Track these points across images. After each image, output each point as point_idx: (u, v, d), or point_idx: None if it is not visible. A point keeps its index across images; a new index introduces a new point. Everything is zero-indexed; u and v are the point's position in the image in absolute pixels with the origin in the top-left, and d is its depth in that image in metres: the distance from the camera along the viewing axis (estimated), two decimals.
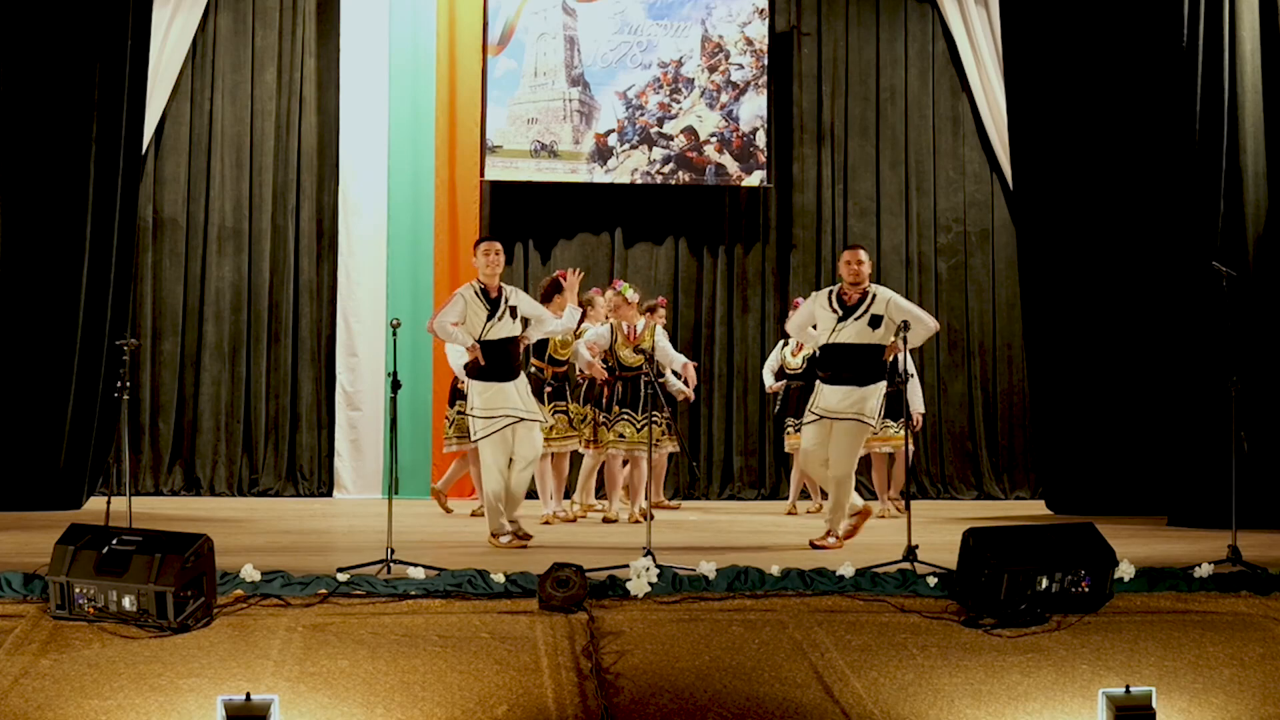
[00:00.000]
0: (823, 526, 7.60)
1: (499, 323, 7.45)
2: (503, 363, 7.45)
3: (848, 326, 7.37)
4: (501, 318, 7.46)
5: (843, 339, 7.38)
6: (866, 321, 7.36)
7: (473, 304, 7.46)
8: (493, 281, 7.51)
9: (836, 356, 7.41)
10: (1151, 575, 5.93)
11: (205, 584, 5.25)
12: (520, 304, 7.60)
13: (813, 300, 7.67)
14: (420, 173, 11.52)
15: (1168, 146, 9.25)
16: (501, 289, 7.54)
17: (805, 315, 7.72)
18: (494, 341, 7.44)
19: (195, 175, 11.46)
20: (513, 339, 7.52)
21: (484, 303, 7.47)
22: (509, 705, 4.77)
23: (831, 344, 7.42)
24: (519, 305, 7.58)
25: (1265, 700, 5.04)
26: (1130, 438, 9.63)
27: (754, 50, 11.76)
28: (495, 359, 7.43)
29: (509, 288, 7.63)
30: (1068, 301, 9.82)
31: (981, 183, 12.13)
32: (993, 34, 11.50)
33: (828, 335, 7.42)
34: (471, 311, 7.45)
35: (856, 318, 7.37)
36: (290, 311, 11.48)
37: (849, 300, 7.42)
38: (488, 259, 7.51)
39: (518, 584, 5.61)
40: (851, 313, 7.38)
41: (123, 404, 7.05)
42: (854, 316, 7.37)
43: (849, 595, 5.68)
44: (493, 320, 7.44)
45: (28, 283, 9.45)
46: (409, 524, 8.34)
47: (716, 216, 11.96)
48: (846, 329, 7.37)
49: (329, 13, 11.53)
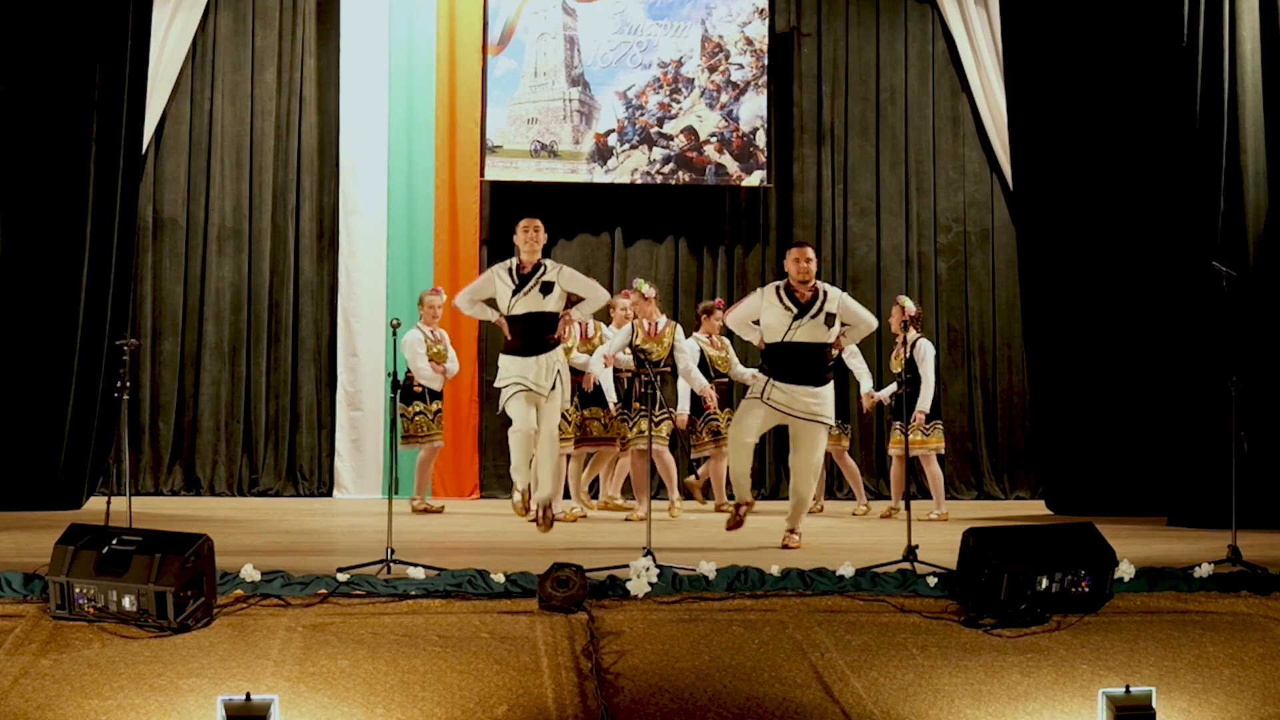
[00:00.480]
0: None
1: (524, 297, 7.53)
2: (528, 337, 7.53)
3: (804, 325, 7.33)
4: (529, 293, 7.53)
5: (799, 338, 7.33)
6: (822, 320, 7.34)
7: (500, 280, 7.61)
8: (530, 259, 7.61)
9: (792, 355, 7.35)
10: (1151, 575, 5.93)
11: (205, 584, 5.25)
12: (561, 280, 7.63)
13: (759, 296, 7.58)
14: (420, 173, 11.52)
15: (1168, 146, 9.25)
16: (540, 265, 7.61)
17: (750, 310, 7.62)
18: (519, 316, 7.55)
19: (195, 175, 11.46)
20: (541, 314, 7.56)
21: (512, 279, 7.58)
22: (509, 705, 4.77)
23: (787, 342, 7.35)
24: (559, 282, 7.61)
25: (1265, 700, 5.04)
26: (1130, 438, 9.63)
27: (754, 50, 11.76)
28: (521, 333, 7.54)
29: (553, 266, 7.68)
30: (1068, 301, 9.82)
31: (981, 183, 12.13)
32: (993, 34, 11.50)
33: (783, 333, 7.35)
34: (499, 287, 7.61)
35: (812, 316, 7.33)
36: (290, 311, 11.47)
37: (801, 298, 7.38)
38: (526, 235, 7.66)
39: (518, 584, 5.61)
40: (806, 311, 7.34)
41: (123, 404, 7.05)
42: (810, 315, 7.33)
43: (849, 595, 5.68)
44: (518, 295, 7.54)
45: (28, 282, 9.45)
46: (409, 524, 8.35)
47: (716, 216, 11.96)
48: (803, 328, 7.33)
49: (329, 13, 11.53)
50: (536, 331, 7.54)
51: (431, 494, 10.13)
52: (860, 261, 12.08)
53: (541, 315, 7.57)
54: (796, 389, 7.34)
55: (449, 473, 11.30)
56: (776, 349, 7.39)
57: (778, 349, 7.39)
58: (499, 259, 11.52)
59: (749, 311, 7.62)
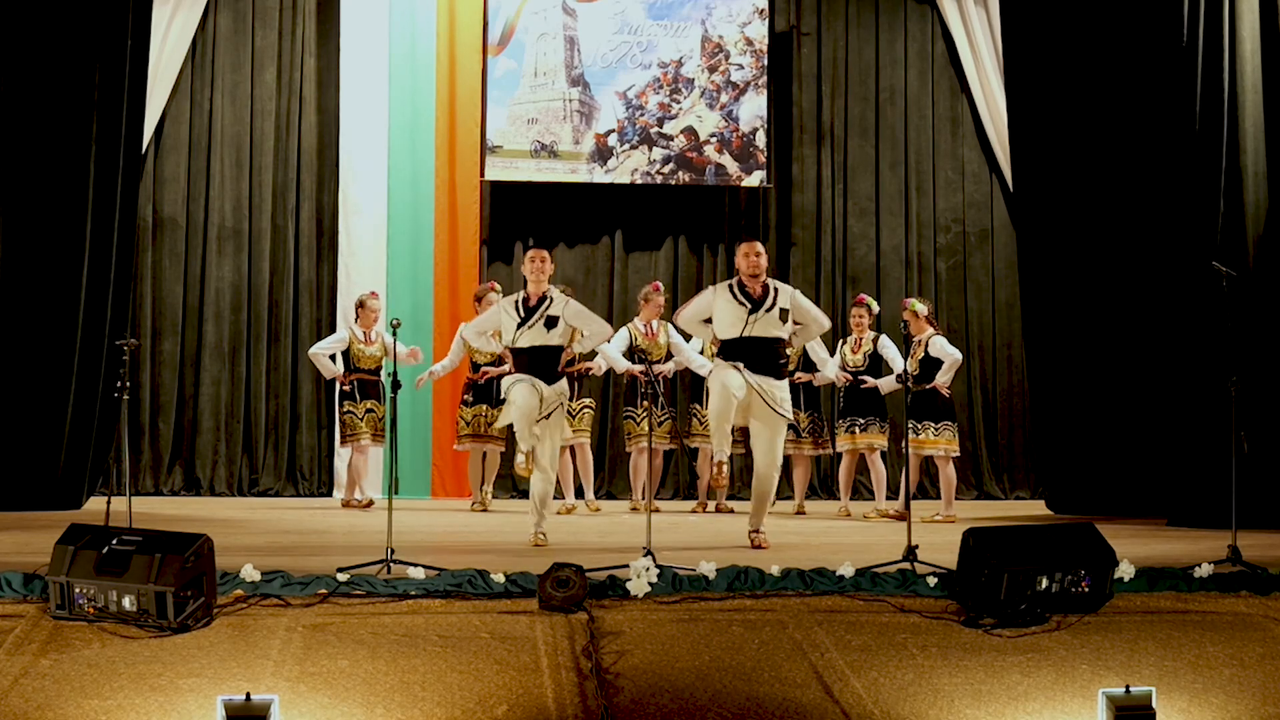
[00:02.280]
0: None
1: (529, 330, 7.55)
2: (532, 370, 7.52)
3: (760, 319, 7.33)
4: (533, 326, 7.54)
5: (756, 332, 7.33)
6: (776, 315, 7.35)
7: (507, 314, 7.64)
8: (536, 289, 7.63)
9: (749, 349, 7.34)
10: (1151, 575, 5.92)
11: (205, 584, 5.25)
12: (566, 315, 7.64)
13: (712, 293, 7.59)
14: (420, 173, 11.53)
15: (1167, 146, 9.24)
16: (545, 297, 7.61)
17: (702, 307, 7.61)
18: (524, 349, 7.57)
19: (195, 175, 11.47)
20: (545, 348, 7.56)
21: (518, 312, 7.60)
22: (509, 705, 4.77)
23: (744, 337, 7.35)
24: (564, 316, 7.62)
25: (1265, 700, 5.04)
26: (1130, 438, 9.62)
27: (754, 50, 11.76)
28: (525, 366, 7.55)
29: (559, 298, 7.67)
30: (1067, 302, 9.81)
31: (981, 183, 12.13)
32: (992, 34, 11.50)
33: (740, 328, 7.34)
34: (505, 320, 7.65)
35: (767, 309, 7.34)
36: (290, 311, 11.48)
37: (754, 293, 7.39)
38: (532, 265, 7.68)
39: (518, 584, 5.61)
40: (760, 305, 7.35)
41: (123, 404, 7.05)
42: (764, 308, 7.34)
43: (849, 595, 5.68)
44: (523, 328, 7.55)
45: (28, 282, 9.44)
46: (409, 524, 8.34)
47: (716, 216, 11.96)
48: (759, 322, 7.33)
49: (329, 13, 11.53)
50: (540, 364, 7.55)
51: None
52: (860, 261, 12.09)
53: (545, 349, 7.58)
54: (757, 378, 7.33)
55: (449, 473, 11.30)
56: (734, 344, 7.39)
57: (736, 344, 7.38)
58: (499, 259, 11.67)
59: (700, 310, 7.63)
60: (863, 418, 9.67)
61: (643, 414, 9.62)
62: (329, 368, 10.08)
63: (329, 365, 10.07)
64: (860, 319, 9.74)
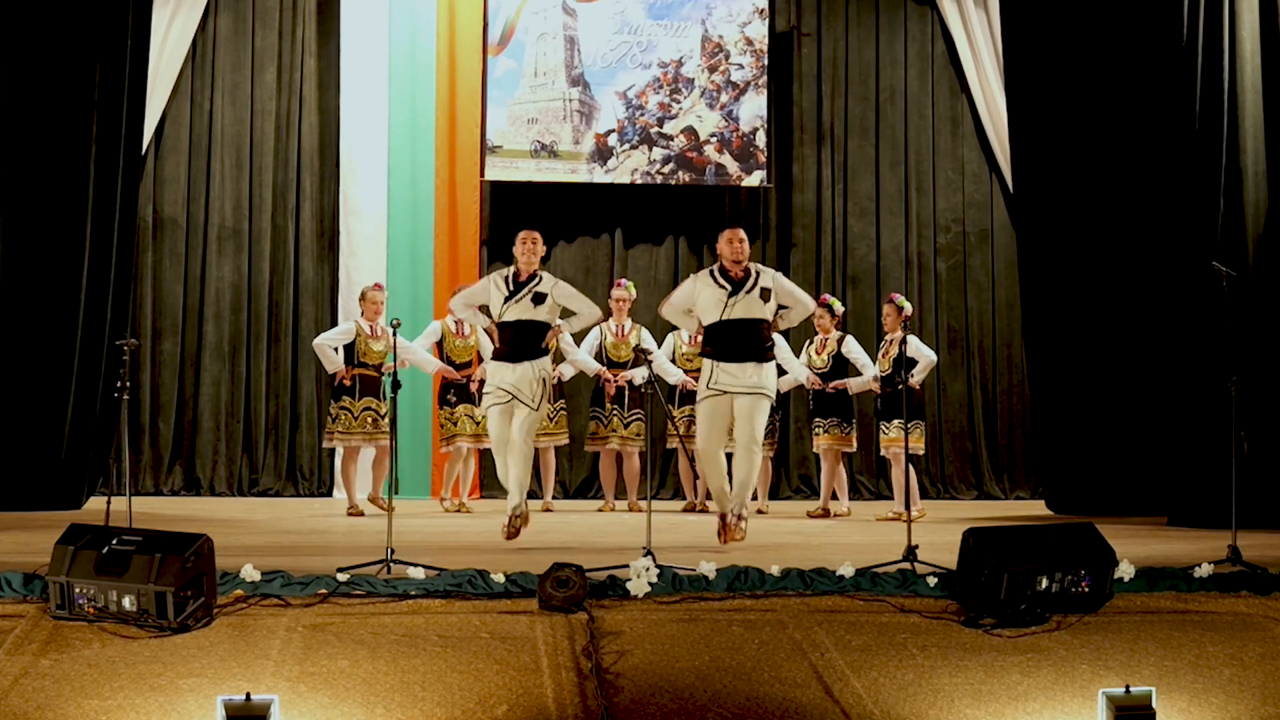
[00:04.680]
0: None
1: (515, 305, 7.63)
2: (515, 344, 7.64)
3: (739, 302, 7.35)
4: (520, 301, 7.62)
5: (736, 314, 7.35)
6: (757, 295, 7.36)
7: (495, 286, 7.75)
8: (527, 268, 7.72)
9: (730, 333, 7.36)
10: (1151, 575, 5.92)
11: (205, 584, 5.24)
12: (555, 294, 7.73)
13: (693, 281, 7.63)
14: (420, 173, 11.53)
15: (1167, 146, 9.24)
16: (535, 275, 7.71)
17: (684, 296, 7.64)
18: (508, 323, 7.66)
19: (195, 175, 11.47)
20: (530, 322, 7.65)
21: (507, 286, 7.69)
22: (509, 705, 4.77)
23: (725, 320, 7.37)
24: (552, 294, 7.71)
25: (1265, 700, 5.04)
26: (1130, 438, 9.62)
27: (754, 50, 11.77)
28: (509, 340, 7.64)
29: (549, 279, 7.79)
30: (1067, 302, 9.81)
31: (981, 183, 12.13)
32: (992, 35, 11.51)
33: (719, 312, 7.37)
34: (493, 293, 7.75)
35: (747, 291, 7.36)
36: (290, 311, 11.48)
37: (735, 277, 7.41)
38: (524, 246, 7.78)
39: (518, 584, 5.61)
40: (741, 287, 7.37)
41: (123, 404, 7.05)
42: (744, 290, 7.36)
43: (849, 595, 5.67)
44: (510, 302, 7.64)
45: (28, 282, 9.45)
46: (409, 524, 8.34)
47: (716, 216, 11.96)
48: (739, 304, 7.35)
49: (329, 13, 11.54)
50: (524, 339, 7.64)
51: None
52: (860, 261, 12.09)
53: (530, 324, 7.64)
54: (739, 367, 7.35)
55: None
56: (716, 328, 7.42)
57: (717, 328, 7.41)
58: (499, 259, 11.66)
59: (683, 299, 7.66)
60: (828, 419, 9.69)
61: (610, 414, 9.89)
62: (332, 359, 9.77)
63: (332, 357, 9.78)
64: (822, 319, 9.73)
